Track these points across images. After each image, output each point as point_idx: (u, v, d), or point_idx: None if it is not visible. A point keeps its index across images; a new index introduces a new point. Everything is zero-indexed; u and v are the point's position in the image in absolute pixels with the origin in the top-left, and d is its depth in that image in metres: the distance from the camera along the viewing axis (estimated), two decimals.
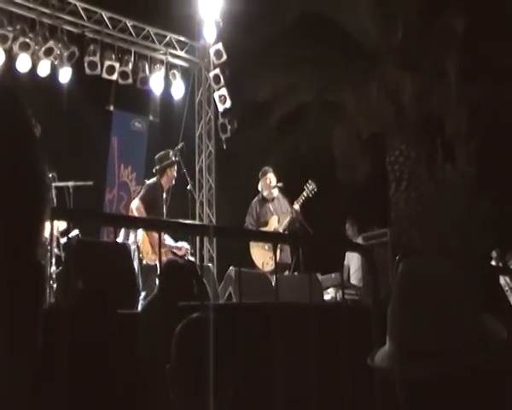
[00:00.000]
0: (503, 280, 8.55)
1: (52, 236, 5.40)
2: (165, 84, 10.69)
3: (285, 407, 2.79)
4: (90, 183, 7.70)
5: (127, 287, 5.26)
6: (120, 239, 7.12)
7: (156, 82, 10.54)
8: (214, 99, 10.97)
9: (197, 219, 10.74)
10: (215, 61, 10.79)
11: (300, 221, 7.69)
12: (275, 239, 4.48)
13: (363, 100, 11.98)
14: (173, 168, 7.41)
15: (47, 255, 5.90)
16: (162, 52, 10.83)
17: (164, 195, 7.29)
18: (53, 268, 6.22)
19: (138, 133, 11.05)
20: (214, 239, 9.87)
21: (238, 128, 10.92)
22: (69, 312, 2.90)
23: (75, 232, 6.72)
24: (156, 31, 10.78)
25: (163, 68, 10.70)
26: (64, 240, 6.56)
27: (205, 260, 9.91)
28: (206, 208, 11.19)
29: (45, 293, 0.85)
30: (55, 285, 6.08)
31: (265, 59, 11.60)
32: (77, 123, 10.03)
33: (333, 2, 11.55)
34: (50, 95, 9.50)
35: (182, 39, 11.09)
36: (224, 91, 10.74)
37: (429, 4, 11.61)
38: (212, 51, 10.76)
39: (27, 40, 9.18)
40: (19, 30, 9.16)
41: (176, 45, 11.00)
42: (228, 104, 10.73)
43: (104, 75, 9.95)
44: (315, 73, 12.00)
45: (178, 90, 10.89)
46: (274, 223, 7.77)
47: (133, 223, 4.87)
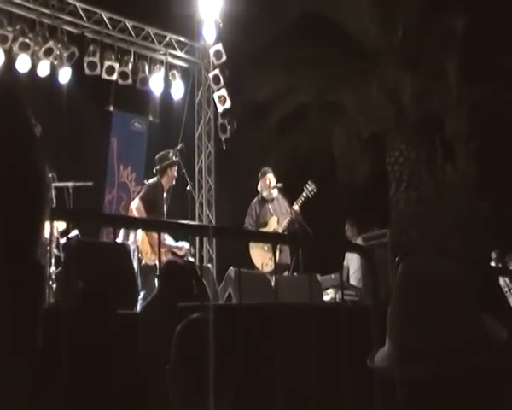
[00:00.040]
0: (503, 281, 8.54)
1: (52, 236, 5.40)
2: (164, 84, 10.69)
3: (285, 407, 2.79)
4: (90, 183, 7.70)
5: (127, 287, 5.25)
6: (120, 239, 7.13)
7: (156, 82, 10.53)
8: (214, 99, 10.97)
9: (197, 219, 10.74)
10: (215, 62, 10.79)
11: (300, 222, 7.69)
12: (274, 240, 4.48)
13: (363, 100, 11.98)
14: (174, 168, 7.42)
15: (47, 255, 5.90)
16: (162, 52, 10.83)
17: (164, 195, 7.30)
18: (52, 268, 6.23)
19: (138, 134, 11.05)
20: (214, 240, 9.87)
21: (238, 129, 10.92)
22: (69, 312, 2.90)
23: (75, 233, 6.72)
24: (156, 31, 10.78)
25: (163, 69, 10.69)
26: (63, 240, 6.56)
27: (204, 260, 9.92)
28: (205, 209, 11.19)
29: (45, 293, 0.85)
30: (55, 285, 6.08)
31: (265, 59, 11.59)
32: (77, 123, 10.02)
33: (333, 2, 11.55)
34: (50, 95, 9.49)
35: (181, 40, 11.09)
36: (224, 92, 10.74)
37: (429, 4, 11.61)
38: (212, 52, 10.76)
39: (27, 40, 9.18)
40: (19, 30, 9.16)
41: (175, 46, 11.00)
42: (227, 105, 10.73)
43: (104, 75, 9.94)
44: (315, 74, 12.00)
45: (178, 90, 10.88)
46: (273, 223, 7.77)
47: (133, 223, 4.87)
